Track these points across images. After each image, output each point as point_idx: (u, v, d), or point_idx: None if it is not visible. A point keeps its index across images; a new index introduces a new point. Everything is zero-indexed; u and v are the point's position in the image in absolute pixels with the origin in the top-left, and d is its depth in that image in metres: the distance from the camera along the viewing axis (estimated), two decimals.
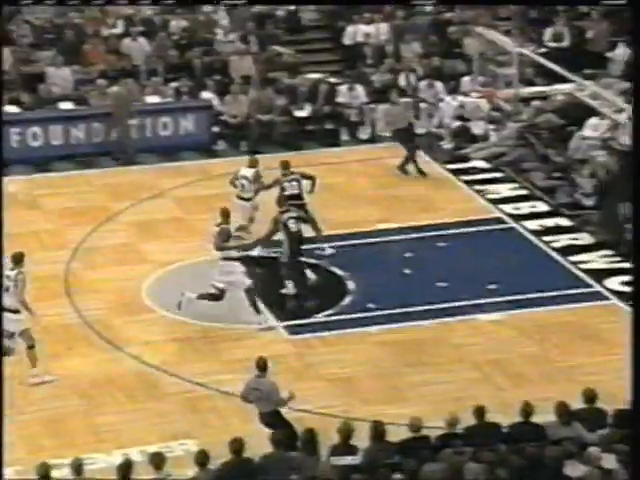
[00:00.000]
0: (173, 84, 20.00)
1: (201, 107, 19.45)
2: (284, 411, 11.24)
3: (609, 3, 17.72)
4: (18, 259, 12.67)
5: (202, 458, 9.61)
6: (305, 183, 15.43)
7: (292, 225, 14.53)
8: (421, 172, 17.99)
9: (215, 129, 19.46)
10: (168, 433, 11.70)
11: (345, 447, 9.98)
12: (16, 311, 12.46)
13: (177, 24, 21.10)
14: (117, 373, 12.84)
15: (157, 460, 9.60)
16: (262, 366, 11.23)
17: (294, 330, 13.84)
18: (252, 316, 13.76)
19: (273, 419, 11.03)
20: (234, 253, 13.91)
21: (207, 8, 21.25)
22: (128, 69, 20.02)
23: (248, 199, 15.66)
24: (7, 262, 12.31)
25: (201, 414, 12.14)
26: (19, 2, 17.93)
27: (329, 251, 15.44)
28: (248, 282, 13.81)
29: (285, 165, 15.67)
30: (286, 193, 15.20)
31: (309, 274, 14.71)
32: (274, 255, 15.07)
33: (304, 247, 14.74)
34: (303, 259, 14.68)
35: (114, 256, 15.64)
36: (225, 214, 14.06)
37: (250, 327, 13.89)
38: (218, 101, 19.71)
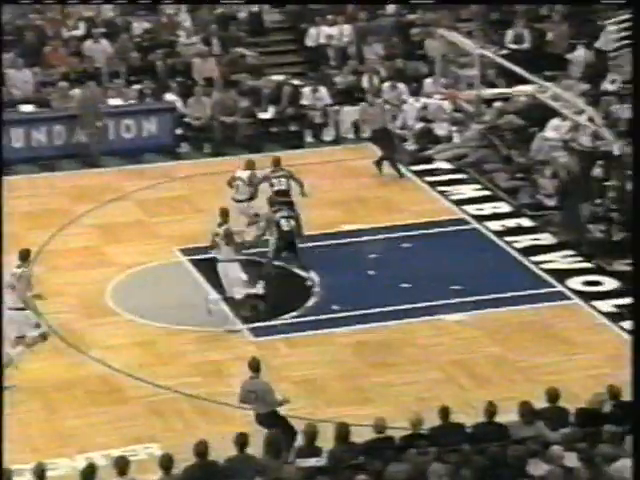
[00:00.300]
0: (136, 86, 19.91)
1: (164, 109, 19.38)
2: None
3: (609, 3, 17.90)
4: (25, 256, 12.73)
5: (166, 462, 9.56)
6: (294, 185, 15.30)
7: (284, 224, 14.46)
8: (400, 173, 18.06)
9: (178, 131, 19.40)
10: (132, 437, 11.65)
11: (310, 449, 9.98)
12: (20, 309, 12.53)
13: (139, 26, 21.01)
14: (81, 377, 12.76)
15: (121, 464, 9.54)
16: (255, 367, 11.21)
17: (259, 332, 13.82)
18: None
19: (271, 420, 11.00)
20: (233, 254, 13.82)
21: (169, 10, 21.17)
22: (90, 71, 19.90)
23: (241, 201, 15.63)
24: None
25: (165, 417, 12.09)
26: (19, 2, 18.03)
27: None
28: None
29: (276, 162, 15.70)
30: (274, 189, 15.28)
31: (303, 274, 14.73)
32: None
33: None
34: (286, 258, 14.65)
35: (77, 259, 15.55)
36: (224, 214, 14.07)
37: (214, 329, 13.86)
38: (181, 103, 19.64)
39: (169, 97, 19.75)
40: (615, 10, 21.43)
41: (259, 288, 14.32)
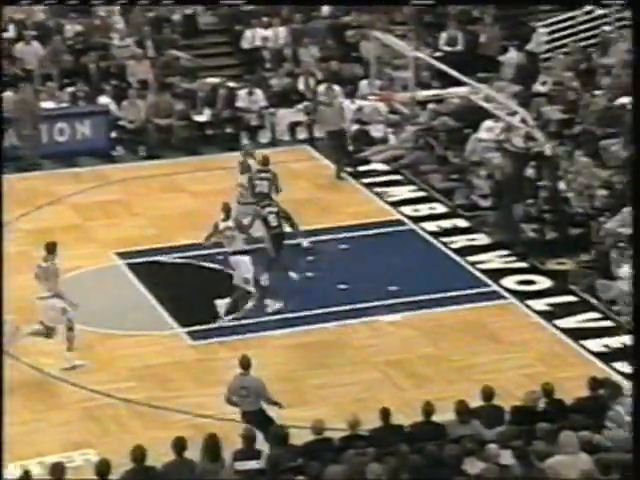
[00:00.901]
0: (69, 89, 19.71)
1: (98, 112, 19.22)
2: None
3: (608, 3, 18.13)
4: (51, 249, 12.90)
5: (103, 468, 9.49)
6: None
7: (272, 219, 14.51)
8: (339, 176, 18.13)
9: (113, 134, 19.25)
10: (68, 443, 11.54)
11: (248, 452, 9.97)
12: (52, 297, 12.79)
13: (72, 28, 20.80)
14: (15, 383, 12.58)
15: (57, 471, 9.45)
16: (246, 364, 11.20)
17: (197, 335, 13.77)
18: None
19: (259, 418, 10.97)
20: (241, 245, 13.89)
21: (102, 12, 21.01)
22: (21, 74, 19.65)
23: (247, 203, 15.61)
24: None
25: (102, 423, 12.00)
26: (19, 2, 17.49)
27: (306, 244, 15.43)
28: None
29: (265, 162, 15.74)
30: (256, 190, 15.35)
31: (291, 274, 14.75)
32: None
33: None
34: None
35: (10, 265, 15.23)
36: (227, 209, 14.14)
37: (152, 333, 13.78)
38: (115, 106, 19.50)
39: (103, 100, 19.60)
40: (545, 13, 21.79)
41: (264, 280, 14.45)
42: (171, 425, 11.69)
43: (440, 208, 17.19)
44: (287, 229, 15.18)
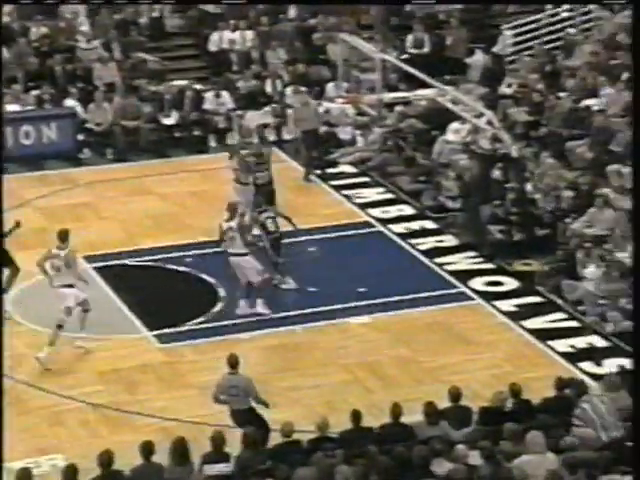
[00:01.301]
0: (34, 92, 19.58)
1: (64, 115, 19.10)
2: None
3: (609, 3, 18.21)
4: (64, 237, 13.21)
5: (71, 473, 9.43)
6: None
7: (270, 225, 14.48)
8: (307, 178, 18.13)
9: (80, 137, 19.14)
10: (35, 448, 11.45)
11: (217, 455, 9.94)
12: (71, 285, 13.09)
13: (37, 31, 20.66)
14: None
15: (23, 476, 9.37)
16: (234, 363, 11.17)
17: (164, 339, 13.72)
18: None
19: (248, 416, 10.94)
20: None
21: (68, 14, 20.88)
22: None
23: (246, 183, 15.79)
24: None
25: (69, 427, 11.92)
26: (19, 2, 17.90)
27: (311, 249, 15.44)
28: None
29: (258, 155, 15.89)
30: (257, 182, 15.53)
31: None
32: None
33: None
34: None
35: None
36: (232, 209, 14.13)
37: (119, 336, 13.71)
38: (82, 109, 19.39)
39: (69, 103, 19.48)
40: (511, 15, 21.90)
41: (291, 284, 14.57)
42: (139, 429, 11.63)
43: (408, 210, 17.23)
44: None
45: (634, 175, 9.17)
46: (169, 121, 19.67)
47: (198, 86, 20.19)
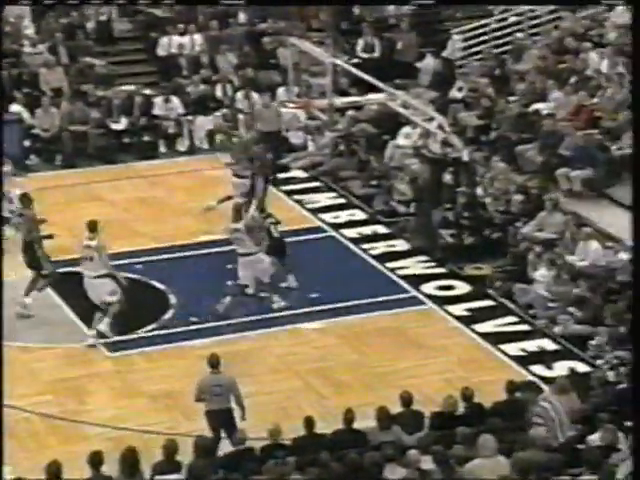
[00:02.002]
0: None
1: (10, 121, 18.88)
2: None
3: (609, 3, 18.33)
4: (94, 227, 13.64)
5: None
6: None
7: (274, 231, 14.58)
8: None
9: (26, 143, 18.95)
10: None
11: (169, 464, 9.89)
12: (105, 276, 13.49)
13: None
14: None
15: None
16: (215, 362, 11.19)
17: (115, 347, 13.63)
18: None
19: (226, 417, 10.98)
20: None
21: (13, 18, 20.65)
22: None
23: (244, 176, 15.94)
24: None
25: (18, 438, 11.78)
26: (19, 2, 17.87)
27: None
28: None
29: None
30: None
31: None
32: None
33: None
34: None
35: None
36: (237, 210, 14.40)
37: (68, 345, 13.60)
38: (28, 114, 19.20)
39: (15, 108, 19.28)
40: (460, 20, 22.05)
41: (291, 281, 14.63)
42: (88, 439, 11.55)
43: (359, 214, 17.28)
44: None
45: (634, 175, 9.25)
46: (118, 126, 19.55)
47: (147, 91, 20.09)
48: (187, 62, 20.95)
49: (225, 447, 10.19)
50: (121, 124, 19.59)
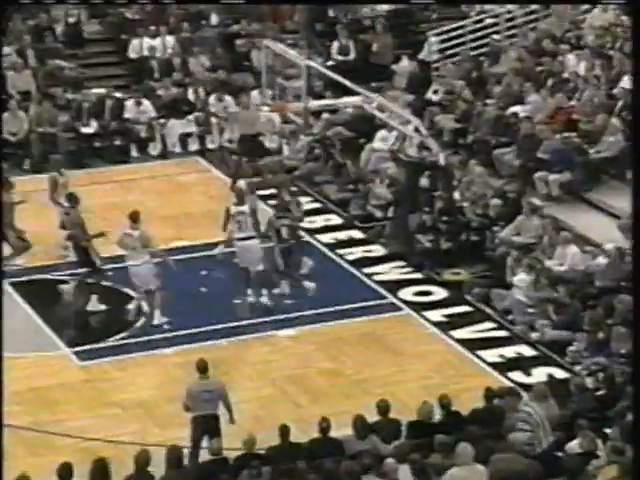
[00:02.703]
0: None
1: None
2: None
3: (609, 3, 18.43)
4: (136, 217, 14.22)
5: None
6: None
7: (284, 232, 14.58)
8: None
9: None
10: None
11: (141, 476, 9.85)
12: (147, 263, 14.03)
13: None
14: None
15: None
16: (203, 368, 11.21)
17: (85, 356, 13.57)
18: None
19: (213, 423, 10.98)
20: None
21: None
22: None
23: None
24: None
25: None
26: (19, 2, 17.89)
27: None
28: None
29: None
30: None
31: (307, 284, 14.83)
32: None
33: None
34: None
35: None
36: (240, 194, 14.73)
37: (37, 354, 13.52)
38: None
39: None
40: (435, 21, 22.12)
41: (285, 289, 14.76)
42: (58, 450, 11.48)
43: (335, 219, 17.28)
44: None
45: (634, 175, 9.32)
46: (88, 130, 19.48)
47: (118, 94, 20.03)
48: (159, 64, 20.90)
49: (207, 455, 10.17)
50: (91, 128, 19.51)
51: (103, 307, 14.52)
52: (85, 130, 19.46)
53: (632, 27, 10.48)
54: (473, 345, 13.83)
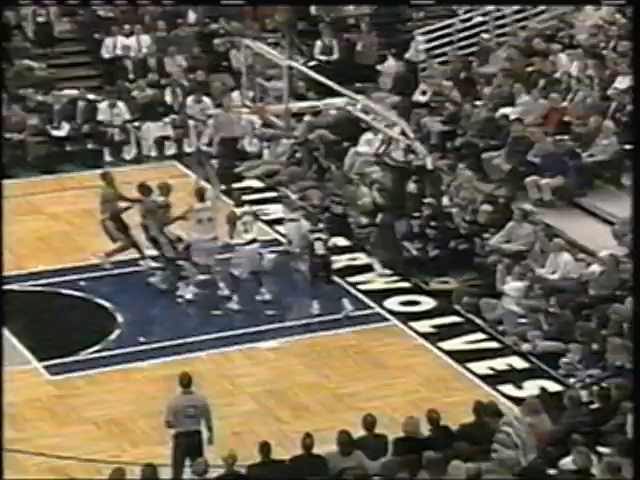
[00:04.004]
0: None
1: None
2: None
3: (609, 3, 18.50)
4: (201, 195, 15.18)
5: None
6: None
7: (318, 247, 14.62)
8: (218, 190, 18.12)
9: None
10: None
11: None
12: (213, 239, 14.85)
13: None
14: None
15: None
16: (187, 382, 11.17)
17: (55, 370, 13.51)
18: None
19: (195, 440, 10.96)
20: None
21: None
22: None
23: None
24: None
25: None
26: (19, 2, 17.92)
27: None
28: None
29: None
30: None
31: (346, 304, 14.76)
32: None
33: None
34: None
35: None
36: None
37: (5, 369, 13.41)
38: None
39: None
40: (422, 20, 22.16)
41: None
42: (27, 469, 11.44)
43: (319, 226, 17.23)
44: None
45: (634, 175, 9.35)
46: (59, 133, 19.44)
47: (91, 96, 20.00)
48: (133, 65, 20.88)
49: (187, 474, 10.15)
50: (63, 131, 19.48)
51: (193, 294, 14.82)
52: (56, 133, 19.42)
53: (632, 27, 10.53)
54: (462, 357, 13.83)
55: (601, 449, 10.65)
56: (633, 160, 9.90)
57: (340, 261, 16.17)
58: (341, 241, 16.79)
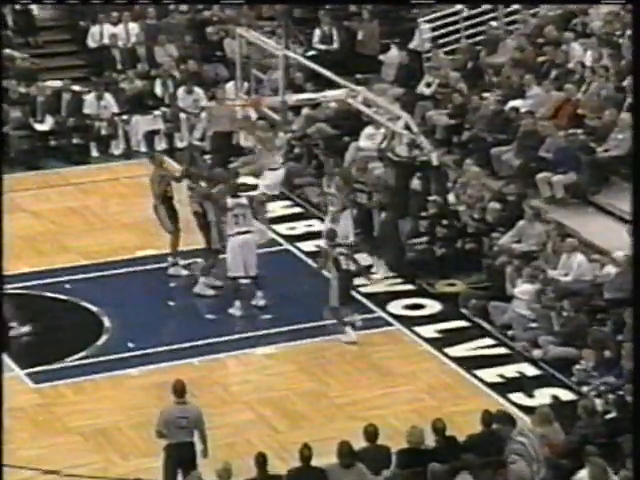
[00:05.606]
0: None
1: None
2: None
3: (609, 3, 18.56)
4: (237, 189, 15.32)
5: None
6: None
7: (343, 262, 14.48)
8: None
9: None
10: None
11: None
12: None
13: None
14: None
15: None
16: (181, 391, 11.17)
17: (39, 378, 13.54)
18: None
19: (189, 451, 10.98)
20: None
21: None
22: None
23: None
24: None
25: None
26: (19, 2, 18.43)
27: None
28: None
29: None
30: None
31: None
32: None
33: None
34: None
35: None
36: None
37: None
38: None
39: None
40: (427, 7, 22.18)
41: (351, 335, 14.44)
42: None
43: (318, 225, 17.30)
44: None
45: (634, 175, 9.37)
46: (43, 127, 19.47)
47: (76, 87, 20.05)
48: (121, 54, 20.92)
49: None
50: (47, 125, 19.51)
51: (211, 292, 15.03)
52: (39, 127, 19.45)
53: (632, 27, 10.56)
54: (470, 364, 13.86)
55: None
56: (633, 159, 9.90)
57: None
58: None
